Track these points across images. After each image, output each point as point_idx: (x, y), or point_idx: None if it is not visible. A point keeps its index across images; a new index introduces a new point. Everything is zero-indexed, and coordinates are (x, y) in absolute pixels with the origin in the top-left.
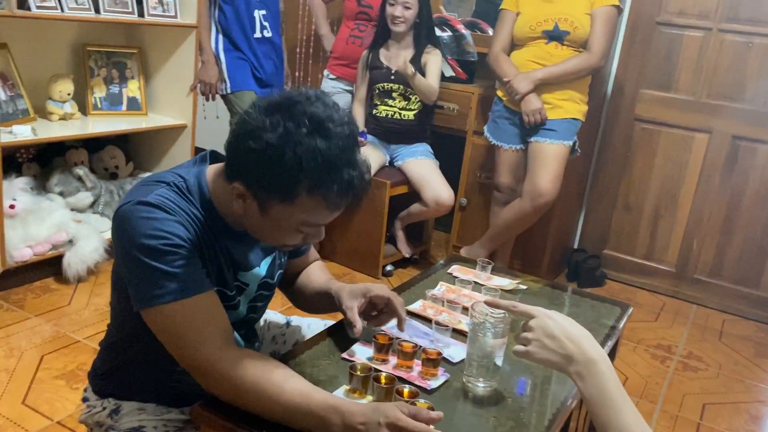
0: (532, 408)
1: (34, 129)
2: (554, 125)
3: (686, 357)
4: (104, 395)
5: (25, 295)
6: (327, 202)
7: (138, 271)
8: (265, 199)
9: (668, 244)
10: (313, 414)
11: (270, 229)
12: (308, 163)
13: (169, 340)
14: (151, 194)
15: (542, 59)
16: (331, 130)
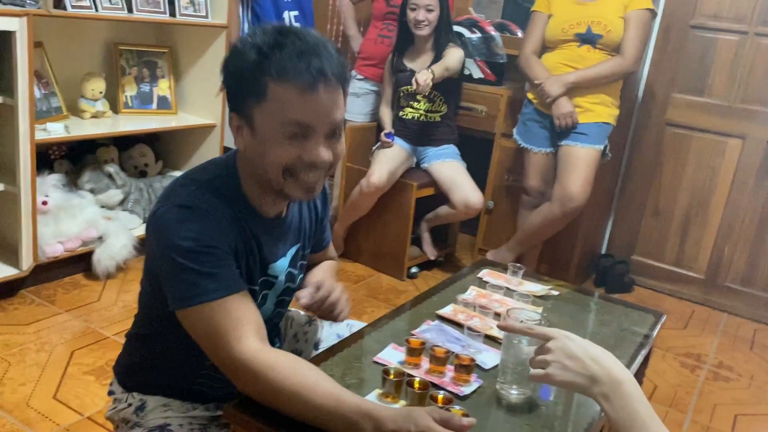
0: (565, 416)
1: (67, 127)
2: (585, 129)
3: (717, 366)
4: (129, 389)
5: (55, 290)
6: (292, 81)
7: (174, 272)
8: (249, 112)
9: (698, 251)
10: (344, 418)
11: (264, 148)
12: (264, 48)
13: (204, 340)
14: (185, 196)
15: (574, 62)
16: (290, 29)
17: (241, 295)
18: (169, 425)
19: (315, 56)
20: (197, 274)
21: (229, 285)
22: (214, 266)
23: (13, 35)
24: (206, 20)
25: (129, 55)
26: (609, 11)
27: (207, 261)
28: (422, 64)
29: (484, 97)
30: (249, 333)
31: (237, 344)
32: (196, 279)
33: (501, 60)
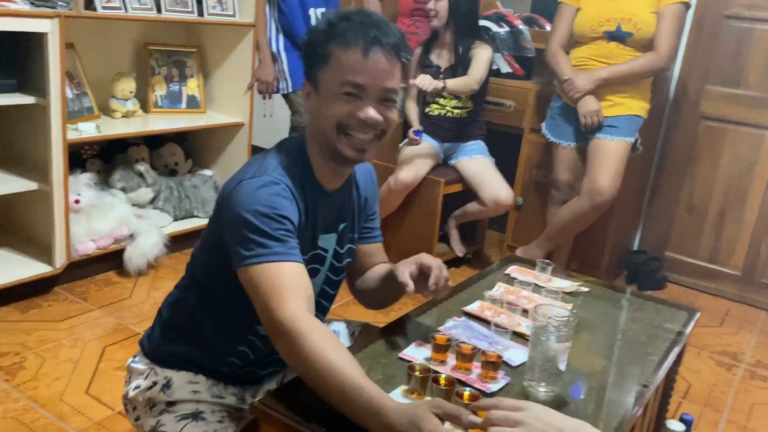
0: (595, 415)
1: (98, 126)
2: (615, 121)
3: (754, 365)
4: (156, 361)
5: (88, 287)
6: (354, 47)
7: (246, 231)
8: (316, 76)
9: (734, 247)
10: (358, 407)
11: (324, 105)
12: (333, 20)
13: (260, 297)
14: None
15: (603, 57)
16: (357, 11)
17: (298, 265)
18: (201, 412)
19: (375, 27)
20: (268, 236)
21: (294, 253)
22: (283, 234)
23: (45, 36)
24: (234, 19)
25: (158, 55)
26: (640, 7)
27: (279, 228)
28: (445, 60)
29: (512, 92)
30: (302, 297)
31: (288, 304)
32: (266, 241)
33: (529, 54)
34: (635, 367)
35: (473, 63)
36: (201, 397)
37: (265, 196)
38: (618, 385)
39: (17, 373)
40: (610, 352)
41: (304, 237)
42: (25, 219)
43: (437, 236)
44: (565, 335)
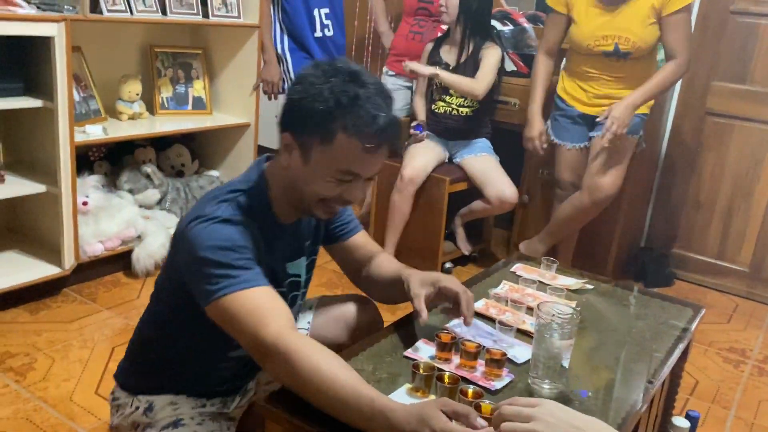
0: (600, 411)
1: (105, 128)
2: None
3: (762, 362)
4: (136, 392)
5: (96, 288)
6: (360, 140)
7: (205, 269)
8: (308, 145)
9: (742, 243)
10: (360, 412)
11: (310, 179)
12: (342, 98)
13: (237, 327)
14: (217, 211)
15: (603, 70)
16: (366, 80)
17: (268, 288)
18: (181, 419)
19: (385, 118)
20: (231, 267)
21: (256, 278)
22: (242, 263)
23: (52, 40)
24: (238, 20)
25: (164, 57)
26: (634, 21)
27: (237, 258)
28: (455, 58)
29: (517, 90)
30: (280, 317)
31: (266, 328)
32: (230, 271)
33: (534, 52)
34: (640, 364)
35: (481, 67)
36: (182, 411)
37: (219, 232)
38: (623, 382)
39: (27, 374)
40: (615, 349)
41: (272, 270)
42: (33, 221)
43: (443, 234)
44: (569, 332)
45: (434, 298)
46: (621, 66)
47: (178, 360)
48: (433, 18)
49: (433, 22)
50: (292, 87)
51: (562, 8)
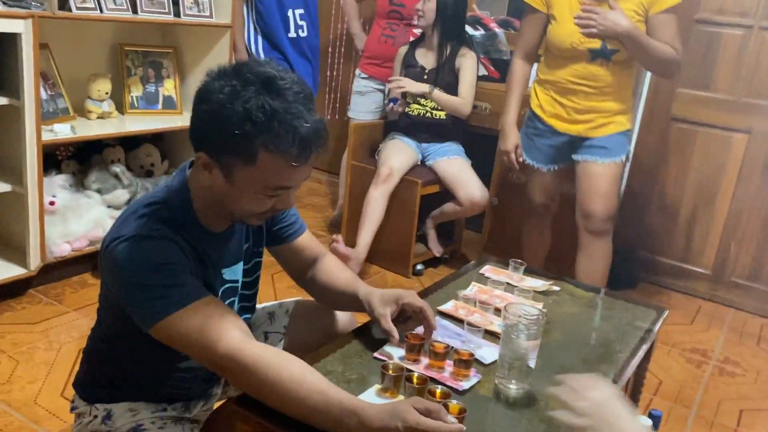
0: None
1: (74, 127)
2: (605, 142)
3: (723, 362)
4: (93, 401)
5: (63, 289)
6: (285, 157)
7: (138, 295)
8: (229, 165)
9: (705, 246)
10: (329, 414)
11: (237, 198)
12: (258, 116)
13: (187, 346)
14: (137, 228)
15: (587, 80)
16: (281, 87)
17: (208, 299)
18: (141, 425)
19: (308, 127)
20: (161, 289)
21: (193, 292)
22: (174, 280)
23: (19, 37)
24: (210, 20)
25: (134, 55)
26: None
27: (167, 277)
28: (431, 62)
29: (488, 95)
30: (229, 329)
31: (219, 342)
32: (161, 293)
33: (505, 57)
34: (605, 365)
35: (462, 82)
36: (141, 416)
37: (141, 252)
38: None
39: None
40: (580, 350)
41: (207, 279)
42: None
43: (415, 236)
44: (535, 333)
45: (397, 315)
46: (604, 74)
47: (129, 372)
48: (405, 21)
49: (405, 26)
50: (199, 105)
51: (541, 5)
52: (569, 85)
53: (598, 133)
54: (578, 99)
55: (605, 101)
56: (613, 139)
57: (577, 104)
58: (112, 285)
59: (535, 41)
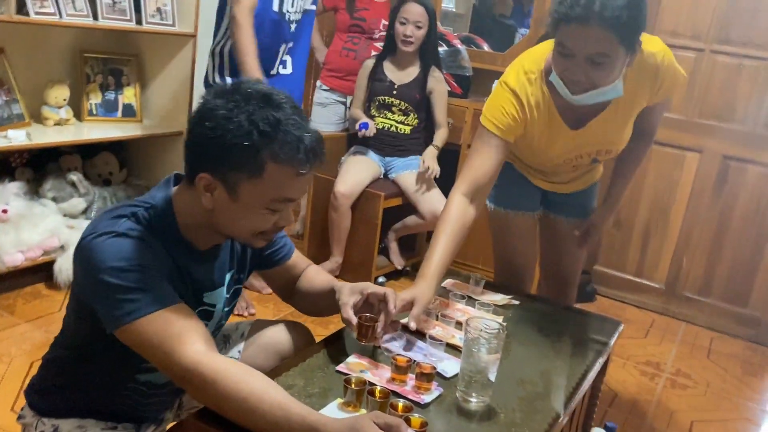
0: (524, 423)
1: (29, 134)
2: (580, 199)
3: (675, 374)
4: (42, 413)
5: (15, 300)
6: (293, 166)
7: (108, 293)
8: (234, 181)
9: (658, 261)
10: (291, 430)
11: (242, 215)
12: (265, 128)
13: (151, 352)
14: (116, 226)
15: (556, 176)
16: (278, 101)
17: (179, 306)
18: None
19: (310, 137)
20: (132, 291)
21: (165, 297)
22: (147, 283)
23: None
24: (173, 29)
25: (94, 62)
26: (624, 130)
27: (140, 279)
28: (405, 77)
29: (450, 110)
30: (194, 340)
31: (183, 351)
32: (131, 296)
33: (467, 73)
34: (562, 377)
35: (438, 108)
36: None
37: (117, 249)
38: (546, 395)
39: None
40: (538, 363)
41: (184, 297)
42: None
43: (377, 249)
44: (496, 347)
45: (362, 305)
46: (587, 165)
47: (85, 380)
48: (366, 35)
49: (366, 39)
50: (200, 124)
51: (507, 134)
52: (546, 170)
53: (568, 188)
54: (558, 178)
55: (588, 172)
56: (587, 193)
57: (557, 179)
58: (82, 280)
59: (492, 173)
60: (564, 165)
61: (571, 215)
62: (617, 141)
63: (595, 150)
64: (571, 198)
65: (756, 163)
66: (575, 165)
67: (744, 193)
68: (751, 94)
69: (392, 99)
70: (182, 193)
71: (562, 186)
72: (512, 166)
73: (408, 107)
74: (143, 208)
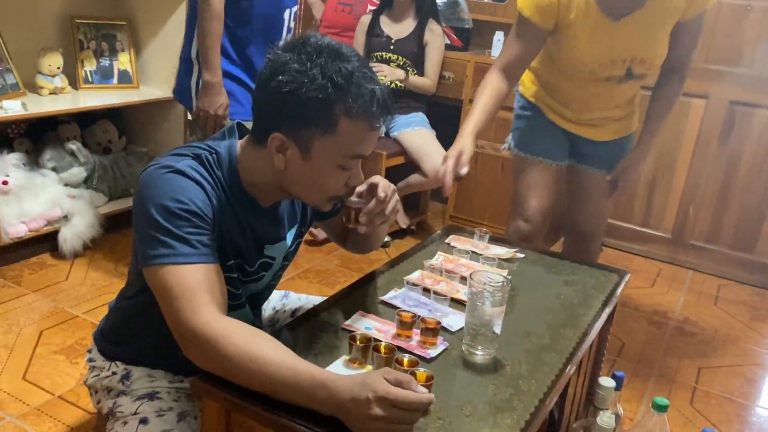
0: (531, 374)
1: (25, 104)
2: (607, 150)
3: (682, 322)
4: (112, 359)
5: (21, 271)
6: (366, 119)
7: (149, 228)
8: (307, 139)
9: (665, 211)
10: (299, 388)
11: (315, 174)
12: (337, 79)
13: (166, 301)
14: (179, 162)
15: (596, 95)
16: (348, 54)
17: (209, 267)
18: (157, 392)
19: (381, 90)
20: (171, 235)
21: (203, 253)
22: (190, 232)
23: None
24: None
25: (86, 28)
26: (655, 34)
27: (185, 225)
28: (402, 31)
29: (451, 64)
30: (209, 303)
31: (196, 314)
32: (169, 239)
33: (467, 26)
34: (568, 329)
35: (428, 60)
36: (159, 384)
37: (174, 188)
38: (553, 346)
39: None
40: (544, 315)
41: (246, 251)
42: None
43: None
44: (500, 300)
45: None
46: (620, 91)
47: (144, 330)
48: None
49: None
50: (272, 78)
51: (548, 21)
52: (578, 99)
53: (599, 135)
54: (587, 110)
55: (616, 109)
56: (618, 147)
57: (583, 115)
58: (134, 209)
59: (524, 57)
60: (599, 74)
61: (601, 167)
62: (651, 50)
63: (629, 57)
64: (601, 149)
65: (764, 107)
66: (608, 77)
67: (751, 139)
68: (758, 38)
69: (390, 54)
70: (248, 150)
71: (593, 130)
72: (541, 111)
73: (406, 62)
74: (207, 152)
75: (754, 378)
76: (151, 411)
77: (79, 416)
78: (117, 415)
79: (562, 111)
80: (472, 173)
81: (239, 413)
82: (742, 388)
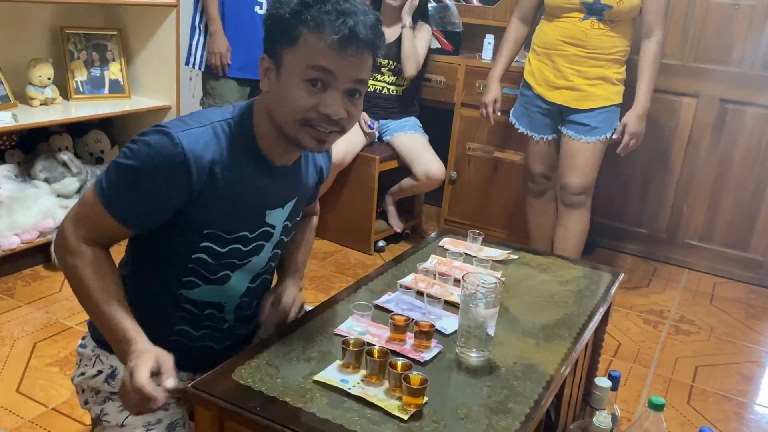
0: (526, 375)
1: (15, 115)
2: (589, 119)
3: (678, 321)
4: (102, 344)
5: (14, 283)
6: (327, 33)
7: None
8: (278, 55)
9: (658, 210)
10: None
11: (284, 91)
12: (310, 2)
13: (74, 210)
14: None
15: (576, 39)
16: None
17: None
18: None
19: (352, 16)
20: (120, 183)
21: (128, 216)
22: (133, 193)
23: None
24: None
25: (76, 38)
26: None
27: (135, 183)
28: (391, 35)
29: (441, 68)
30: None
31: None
32: (117, 185)
33: (457, 29)
34: (563, 329)
35: (417, 42)
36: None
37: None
38: (548, 347)
39: None
40: (539, 316)
41: (250, 214)
42: None
43: (375, 213)
44: (493, 301)
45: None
46: (594, 35)
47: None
48: None
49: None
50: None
51: None
52: (559, 46)
53: (583, 105)
54: (566, 63)
55: (593, 67)
56: (598, 116)
57: (565, 68)
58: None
59: (534, 3)
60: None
61: (590, 135)
62: None
63: None
64: (589, 118)
65: (754, 105)
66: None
67: (743, 136)
68: (747, 35)
69: (380, 59)
70: (259, 98)
71: (574, 95)
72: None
73: (397, 66)
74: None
75: (751, 375)
76: (139, 425)
77: (73, 428)
78: (104, 423)
79: (548, 75)
80: (464, 177)
81: (232, 421)
82: (739, 386)
